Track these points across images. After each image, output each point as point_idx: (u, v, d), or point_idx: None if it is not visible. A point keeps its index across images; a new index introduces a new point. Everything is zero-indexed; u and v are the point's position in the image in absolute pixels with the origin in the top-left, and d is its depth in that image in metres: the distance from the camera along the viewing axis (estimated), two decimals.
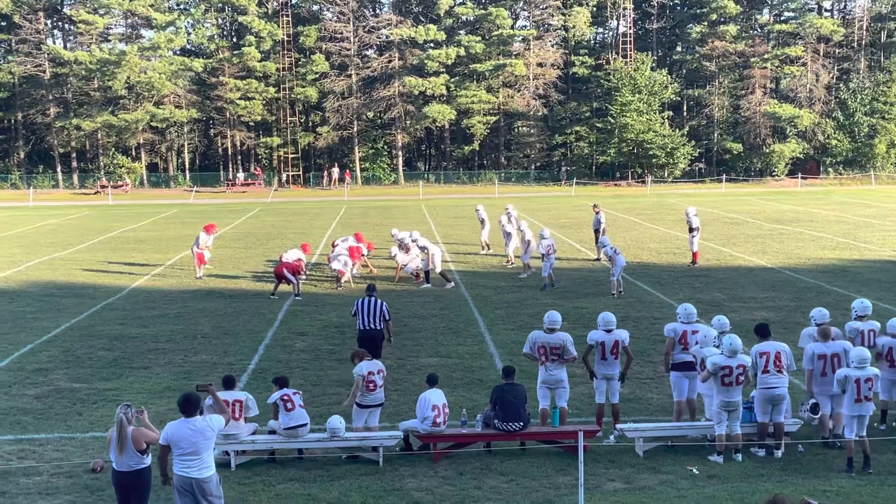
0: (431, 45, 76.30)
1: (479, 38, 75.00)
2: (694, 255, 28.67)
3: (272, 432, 12.29)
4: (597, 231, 31.14)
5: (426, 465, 11.98)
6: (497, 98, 75.59)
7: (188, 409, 9.29)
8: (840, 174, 75.54)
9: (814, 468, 11.77)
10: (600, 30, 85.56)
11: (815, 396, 12.60)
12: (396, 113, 75.34)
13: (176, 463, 9.22)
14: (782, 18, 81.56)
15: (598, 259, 29.60)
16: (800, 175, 72.60)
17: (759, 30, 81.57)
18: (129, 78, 71.89)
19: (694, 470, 11.70)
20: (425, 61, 73.62)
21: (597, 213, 31.47)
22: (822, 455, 12.23)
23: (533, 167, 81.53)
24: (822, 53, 78.09)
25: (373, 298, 16.28)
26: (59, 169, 76.10)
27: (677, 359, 13.02)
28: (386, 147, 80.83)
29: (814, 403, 12.46)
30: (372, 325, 16.00)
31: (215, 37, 77.50)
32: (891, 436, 12.88)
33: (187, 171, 79.72)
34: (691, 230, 28.56)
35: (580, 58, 78.29)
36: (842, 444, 12.08)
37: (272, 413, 12.31)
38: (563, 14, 77.09)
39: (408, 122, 76.48)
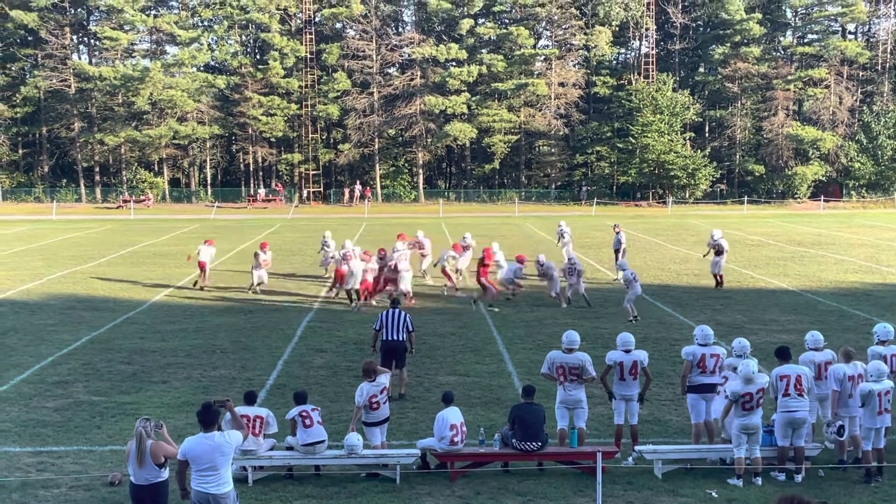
0: (453, 63, 76.54)
1: (500, 57, 75.18)
2: (720, 277, 28.20)
3: (290, 448, 12.30)
4: (617, 251, 31.08)
5: (443, 483, 11.95)
6: (518, 117, 75.68)
7: (207, 421, 9.30)
8: (863, 197, 75.09)
9: (834, 493, 11.66)
10: (622, 50, 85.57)
11: (840, 418, 12.51)
12: (417, 131, 75.55)
13: (194, 478, 9.24)
14: (806, 41, 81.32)
15: (617, 279, 29.49)
16: (822, 198, 72.22)
17: (783, 52, 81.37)
18: (152, 94, 72.48)
19: (713, 493, 11.61)
20: (447, 79, 73.85)
21: (617, 232, 31.41)
22: (843, 480, 12.11)
23: (553, 186, 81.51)
24: (845, 76, 77.80)
25: (397, 310, 16.46)
26: (82, 183, 76.70)
27: (695, 381, 12.94)
28: (407, 165, 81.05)
29: (840, 425, 12.37)
30: (395, 337, 16.16)
31: (238, 54, 78.06)
32: None
33: (209, 187, 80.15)
34: (719, 252, 28.10)
35: (602, 78, 78.34)
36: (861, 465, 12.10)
37: (290, 429, 12.31)
38: (585, 34, 77.18)
39: (429, 139, 76.66)
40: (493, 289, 25.16)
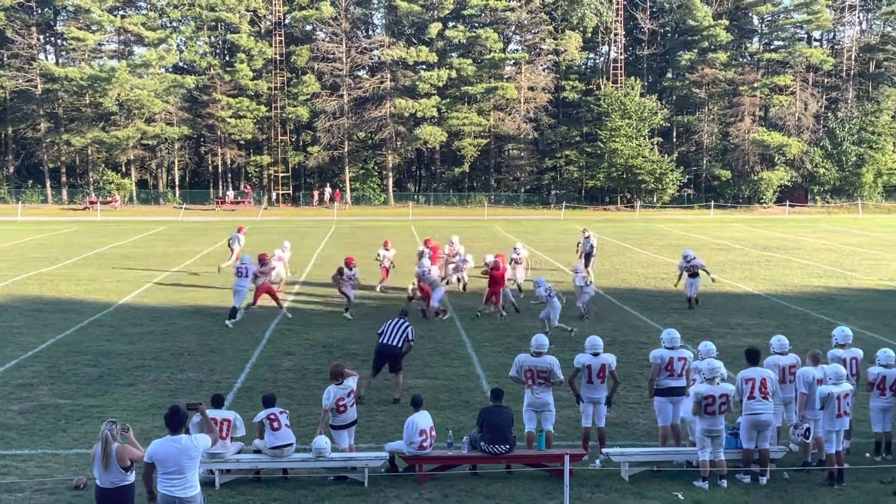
0: (423, 66, 76.63)
1: (470, 61, 75.38)
2: (695, 300, 25.65)
3: (257, 451, 12.25)
4: (589, 255, 30.82)
5: (411, 486, 11.95)
6: (488, 121, 75.89)
7: (174, 424, 9.24)
8: (828, 202, 76.00)
9: (799, 495, 11.79)
10: (591, 55, 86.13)
11: (807, 420, 12.65)
12: (387, 134, 75.52)
13: (160, 481, 9.18)
14: (772, 47, 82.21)
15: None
16: (788, 203, 72.98)
17: (749, 58, 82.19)
18: (119, 94, 71.93)
19: (679, 496, 11.70)
20: (417, 83, 73.91)
21: (587, 237, 31.31)
22: (807, 482, 12.25)
23: (522, 190, 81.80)
24: (810, 83, 78.72)
25: (401, 320, 16.67)
26: (48, 184, 75.95)
27: (662, 384, 13.05)
28: (376, 167, 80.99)
29: (807, 428, 12.51)
30: (390, 342, 16.29)
31: (207, 54, 77.64)
32: (876, 465, 12.92)
33: (177, 188, 79.62)
34: (694, 274, 25.64)
35: (571, 82, 78.71)
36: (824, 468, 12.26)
37: (258, 432, 12.27)
38: (555, 39, 77.55)
39: (398, 142, 76.67)
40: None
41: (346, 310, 23.99)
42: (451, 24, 78.51)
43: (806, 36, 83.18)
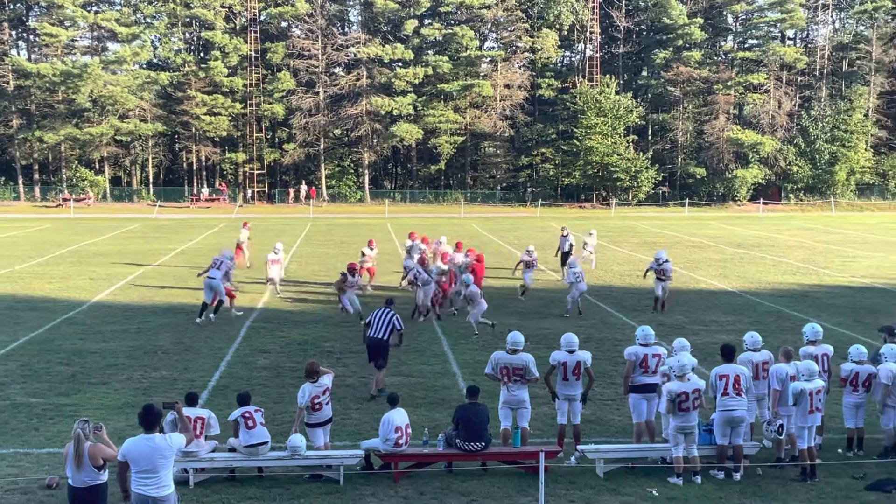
0: (399, 64, 76.52)
1: (446, 59, 75.33)
2: (663, 304, 24.77)
3: (232, 450, 12.19)
4: (567, 253, 30.76)
5: (387, 484, 11.94)
6: (464, 118, 75.89)
7: (148, 423, 9.18)
8: (801, 200, 76.57)
9: (772, 491, 11.88)
10: (567, 53, 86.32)
11: (780, 417, 12.74)
12: (363, 131, 75.37)
13: (134, 480, 9.11)
14: (746, 46, 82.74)
15: (562, 280, 29.75)
16: (761, 200, 73.48)
17: (724, 56, 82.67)
18: (92, 91, 71.36)
19: (654, 492, 11.76)
20: (393, 80, 73.81)
21: (565, 235, 31.34)
22: (780, 478, 12.34)
23: (499, 187, 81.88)
24: (784, 81, 79.27)
25: (387, 310, 16.65)
26: (20, 181, 75.22)
27: (637, 381, 13.10)
28: (352, 165, 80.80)
29: (780, 424, 12.60)
30: (378, 335, 16.34)
31: (182, 51, 77.16)
32: (848, 460, 13.04)
33: (151, 186, 79.11)
34: (663, 278, 24.75)
35: (547, 80, 78.85)
36: (797, 464, 12.35)
37: (232, 430, 12.21)
38: (531, 36, 77.67)
39: (375, 140, 76.54)
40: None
41: (360, 317, 21.91)
42: (427, 21, 78.45)
43: (780, 34, 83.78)
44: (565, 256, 30.62)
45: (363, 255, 28.85)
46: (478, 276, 24.53)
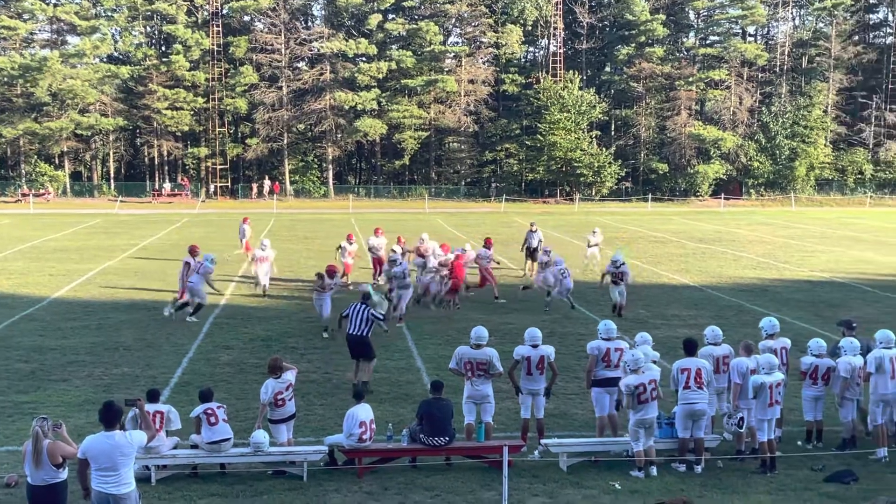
0: (363, 59, 76.31)
1: (410, 54, 75.24)
2: (621, 307, 23.49)
3: (194, 447, 12.11)
4: (535, 250, 30.66)
5: (351, 480, 11.92)
6: (428, 113, 75.85)
7: (108, 420, 9.09)
8: (761, 195, 77.37)
9: (733, 483, 12.00)
10: (531, 49, 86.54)
11: (741, 410, 12.87)
12: (327, 126, 75.09)
13: (94, 478, 9.02)
14: (707, 42, 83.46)
15: (525, 273, 29.83)
16: (723, 195, 74.16)
17: (686, 53, 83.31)
18: (51, 85, 70.46)
19: (616, 485, 11.84)
20: (356, 75, 73.59)
21: (533, 231, 31.37)
22: (740, 470, 12.47)
23: (463, 183, 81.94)
24: (745, 77, 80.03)
25: (363, 305, 16.57)
26: None
27: (600, 375, 13.19)
28: (316, 160, 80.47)
29: (741, 417, 12.74)
30: (356, 332, 16.25)
31: (143, 45, 76.40)
32: (807, 452, 13.21)
33: (112, 181, 78.28)
34: (618, 282, 23.42)
35: (511, 75, 79.01)
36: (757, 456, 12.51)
37: (195, 427, 12.13)
38: (495, 32, 77.76)
39: (338, 135, 76.29)
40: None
41: (325, 329, 20.79)
42: (390, 16, 78.31)
43: (741, 31, 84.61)
44: (532, 252, 30.61)
45: (341, 247, 28.05)
46: (458, 274, 24.30)
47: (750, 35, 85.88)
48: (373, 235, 29.07)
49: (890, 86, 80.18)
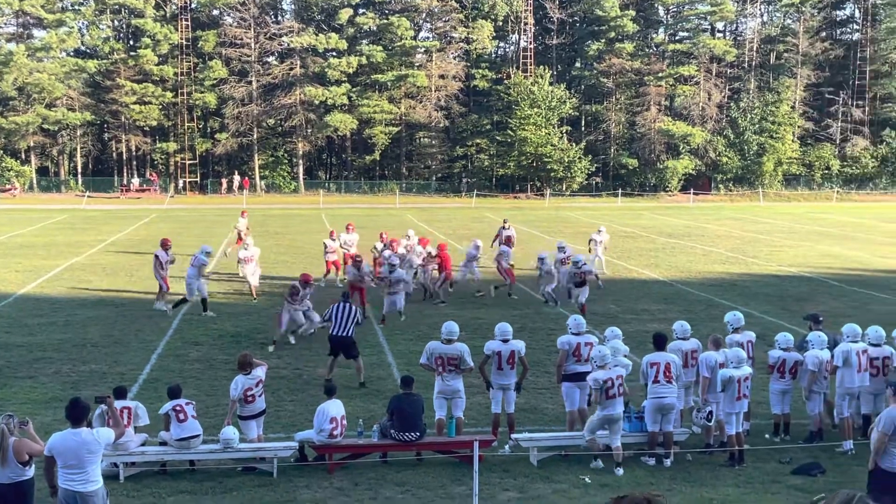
0: (333, 53, 76.02)
1: (380, 48, 75.04)
2: (583, 306, 22.31)
3: (163, 443, 12.03)
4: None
5: (321, 476, 11.89)
6: (399, 108, 75.70)
7: (75, 417, 9.00)
8: (730, 190, 77.91)
9: (701, 476, 12.09)
10: (502, 44, 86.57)
11: (709, 404, 12.96)
12: (297, 121, 74.75)
13: (60, 475, 8.94)
14: (677, 38, 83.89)
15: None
16: (692, 191, 74.59)
17: (655, 48, 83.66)
18: (17, 79, 69.61)
19: (586, 479, 11.89)
20: (327, 70, 73.32)
21: (506, 227, 31.39)
22: (709, 464, 12.57)
23: (434, 178, 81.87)
24: (714, 73, 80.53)
25: (347, 304, 16.50)
26: None
27: (570, 369, 13.24)
28: (286, 155, 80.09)
29: (709, 411, 12.83)
30: (342, 333, 16.21)
31: (110, 39, 75.66)
32: (775, 445, 13.33)
33: (80, 176, 77.49)
34: (581, 283, 22.50)
35: (481, 71, 78.98)
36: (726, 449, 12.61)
37: (164, 424, 12.05)
38: (466, 27, 77.73)
39: (309, 130, 75.97)
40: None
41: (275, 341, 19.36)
42: (361, 10, 78.01)
43: (710, 27, 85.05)
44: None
45: (326, 246, 27.63)
46: (447, 265, 24.97)
47: (719, 31, 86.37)
48: (344, 231, 28.91)
49: (856, 82, 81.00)
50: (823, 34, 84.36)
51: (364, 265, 23.29)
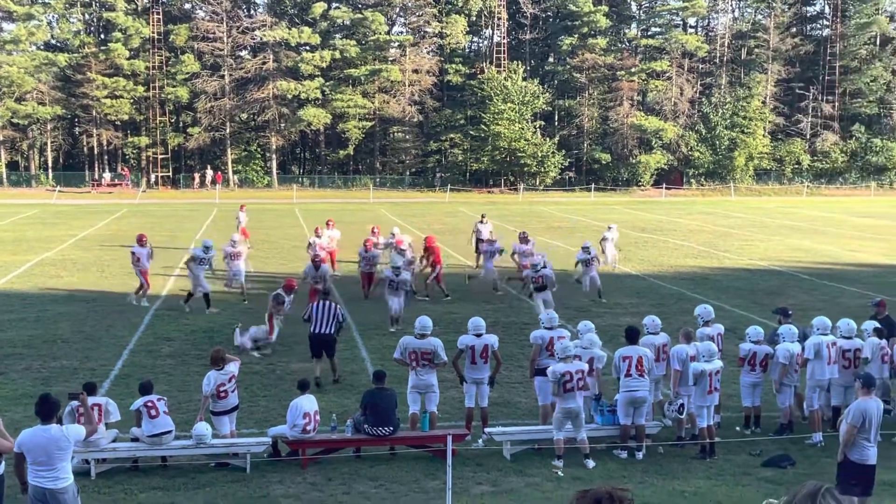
0: (306, 48, 75.72)
1: (354, 43, 74.84)
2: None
3: (135, 440, 11.97)
4: (482, 241, 30.47)
5: (294, 471, 11.88)
6: (372, 103, 75.55)
7: (45, 413, 8.93)
8: (702, 185, 78.38)
9: (673, 469, 12.19)
10: (475, 39, 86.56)
11: (681, 396, 13.06)
12: (270, 115, 74.43)
13: (30, 472, 8.87)
14: (649, 33, 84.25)
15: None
16: (664, 185, 74.98)
17: (628, 44, 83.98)
18: None
19: (559, 472, 11.95)
20: (300, 64, 73.03)
21: (483, 223, 31.38)
22: (681, 456, 12.67)
23: (408, 173, 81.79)
24: (686, 68, 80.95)
25: (327, 303, 16.41)
26: None
27: (543, 364, 13.29)
28: (259, 150, 79.72)
29: (681, 404, 12.93)
30: (324, 331, 16.11)
31: (81, 32, 74.96)
32: (745, 438, 13.45)
33: (50, 171, 76.77)
34: (543, 287, 21.33)
35: (455, 66, 78.97)
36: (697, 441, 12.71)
37: (135, 420, 11.98)
38: (440, 22, 77.67)
39: (282, 124, 75.67)
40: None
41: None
42: (334, 5, 77.74)
43: (681, 23, 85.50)
44: (480, 244, 30.49)
45: (311, 244, 26.88)
46: (438, 260, 25.15)
47: (691, 27, 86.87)
48: (325, 227, 28.72)
49: (826, 77, 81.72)
50: (794, 30, 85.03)
51: (324, 266, 22.58)
